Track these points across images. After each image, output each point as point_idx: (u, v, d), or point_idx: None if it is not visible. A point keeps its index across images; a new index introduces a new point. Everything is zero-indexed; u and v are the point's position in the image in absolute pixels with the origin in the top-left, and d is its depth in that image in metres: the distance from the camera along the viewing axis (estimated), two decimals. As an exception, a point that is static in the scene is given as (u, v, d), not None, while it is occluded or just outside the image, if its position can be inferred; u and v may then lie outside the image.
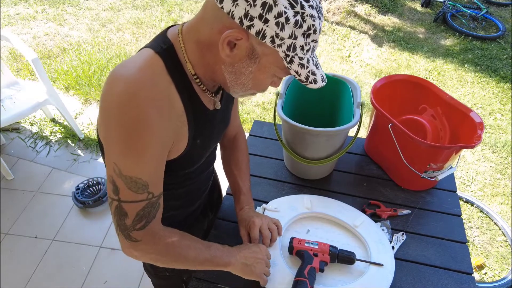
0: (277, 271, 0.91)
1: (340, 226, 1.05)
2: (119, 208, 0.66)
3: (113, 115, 0.61)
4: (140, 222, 0.68)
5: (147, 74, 0.62)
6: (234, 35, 0.58)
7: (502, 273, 1.85)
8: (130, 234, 0.68)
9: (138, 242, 0.69)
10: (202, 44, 0.64)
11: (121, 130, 0.61)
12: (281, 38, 0.58)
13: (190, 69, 0.67)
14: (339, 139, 1.10)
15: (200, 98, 0.72)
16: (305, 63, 0.62)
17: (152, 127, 0.62)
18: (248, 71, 0.64)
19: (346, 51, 3.49)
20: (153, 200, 0.69)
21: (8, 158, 2.41)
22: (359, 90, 1.13)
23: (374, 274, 0.91)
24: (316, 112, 1.30)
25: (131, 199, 0.66)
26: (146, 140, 0.62)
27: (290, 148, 1.15)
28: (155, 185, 0.68)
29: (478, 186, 2.28)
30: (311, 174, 1.21)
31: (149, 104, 0.60)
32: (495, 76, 3.19)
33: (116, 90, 0.60)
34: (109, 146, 0.64)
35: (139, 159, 0.63)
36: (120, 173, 0.63)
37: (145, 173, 0.65)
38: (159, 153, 0.67)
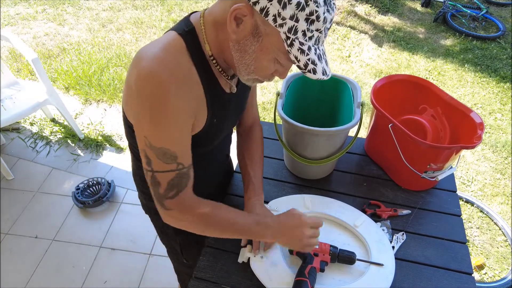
0: (277, 271, 0.91)
1: (340, 226, 1.05)
2: (153, 178, 0.72)
3: (138, 92, 0.65)
4: (172, 191, 0.73)
5: (170, 53, 0.66)
6: (240, 10, 0.61)
7: (502, 273, 1.85)
8: (163, 202, 0.74)
9: (171, 211, 0.75)
10: (217, 24, 0.68)
11: (146, 104, 0.66)
12: (282, 17, 0.59)
13: (208, 50, 0.71)
14: (339, 139, 1.10)
15: (218, 79, 0.76)
16: (305, 49, 0.63)
17: (174, 102, 0.66)
18: (251, 49, 0.66)
19: (346, 51, 3.49)
20: (183, 171, 0.73)
21: (8, 158, 2.41)
22: (360, 90, 1.13)
23: (375, 274, 0.91)
24: (316, 112, 1.30)
25: (162, 169, 0.71)
26: (169, 113, 0.67)
27: (290, 148, 1.15)
28: (184, 156, 0.73)
29: (478, 186, 2.28)
30: (311, 174, 1.21)
31: (171, 81, 0.65)
32: (495, 76, 3.19)
33: (141, 68, 0.64)
34: (139, 121, 0.69)
35: (165, 130, 0.68)
36: (150, 145, 0.69)
37: (172, 144, 0.70)
38: (183, 126, 0.71)
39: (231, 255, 0.99)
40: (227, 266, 0.96)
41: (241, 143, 1.07)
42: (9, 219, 2.07)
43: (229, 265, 0.96)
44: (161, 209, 0.76)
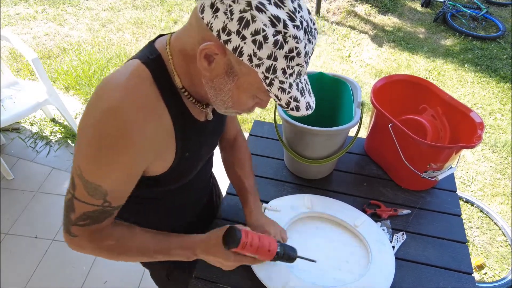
0: (278, 271, 0.91)
1: (340, 225, 1.05)
2: (70, 202, 0.66)
3: (94, 122, 0.59)
4: (84, 221, 0.67)
5: (133, 84, 0.60)
6: (211, 48, 0.54)
7: (502, 273, 1.85)
8: (70, 228, 0.68)
9: (76, 238, 0.69)
10: (187, 55, 0.61)
11: (97, 137, 0.59)
12: (259, 58, 0.53)
13: (178, 82, 0.64)
14: (340, 139, 1.10)
15: (190, 110, 0.69)
16: (286, 88, 0.58)
17: (130, 142, 0.59)
18: (227, 88, 0.60)
19: (346, 51, 3.49)
20: (108, 209, 0.67)
21: (8, 158, 2.41)
22: (360, 90, 1.13)
23: (375, 274, 0.91)
24: (317, 112, 1.30)
25: (85, 200, 0.64)
26: (119, 154, 0.60)
27: (290, 147, 1.15)
28: (116, 197, 0.66)
29: (478, 186, 2.28)
30: (312, 173, 1.21)
31: (133, 117, 0.58)
32: (495, 76, 3.19)
33: (102, 99, 0.59)
34: (80, 147, 0.62)
35: (105, 169, 0.61)
36: (81, 174, 0.61)
37: (107, 183, 0.63)
38: (130, 169, 0.64)
39: (231, 255, 0.99)
40: (227, 266, 0.96)
41: (228, 156, 1.01)
42: (9, 219, 2.07)
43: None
44: (66, 234, 0.70)
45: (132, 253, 0.74)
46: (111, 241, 0.72)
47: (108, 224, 0.71)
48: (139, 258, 0.75)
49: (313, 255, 0.96)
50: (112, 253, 0.72)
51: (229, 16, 0.52)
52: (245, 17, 0.51)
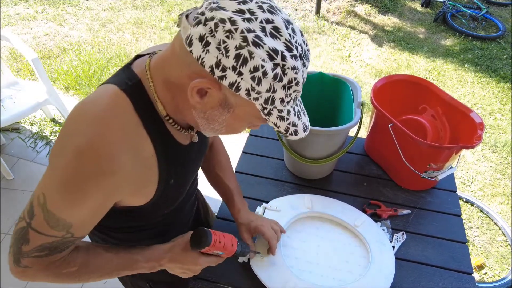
0: (278, 271, 0.91)
1: (340, 225, 1.05)
2: (24, 232, 0.57)
3: (68, 157, 0.54)
4: (40, 252, 0.59)
5: (110, 116, 0.56)
6: (204, 84, 0.52)
7: (502, 273, 1.85)
8: (20, 259, 0.59)
9: (27, 269, 0.61)
10: (172, 85, 0.58)
11: (69, 173, 0.54)
12: (257, 92, 0.51)
13: (161, 110, 0.61)
14: (340, 139, 1.10)
15: (174, 136, 0.66)
16: (284, 115, 0.57)
17: (106, 179, 0.55)
18: (221, 119, 0.58)
19: (346, 51, 3.49)
20: (69, 239, 0.60)
21: (8, 158, 2.41)
22: (360, 90, 1.13)
23: (375, 274, 0.91)
24: (317, 112, 1.30)
25: (43, 231, 0.57)
26: (92, 192, 0.56)
27: (290, 147, 1.15)
28: (81, 229, 0.60)
29: (478, 186, 2.28)
30: (312, 173, 1.21)
31: (109, 152, 0.54)
32: (495, 76, 3.19)
33: (78, 132, 0.54)
34: (49, 177, 0.56)
35: (74, 206, 0.56)
36: (44, 204, 0.55)
37: (74, 218, 0.57)
38: (102, 205, 0.60)
39: (231, 255, 0.99)
40: (228, 265, 0.96)
41: (207, 160, 0.98)
42: (9, 219, 2.07)
43: (229, 265, 0.96)
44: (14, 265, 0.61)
45: (95, 275, 0.68)
46: (72, 267, 0.65)
47: (68, 252, 0.64)
48: (102, 278, 0.70)
49: (313, 255, 0.97)
50: (72, 279, 0.66)
51: (223, 52, 0.48)
52: (242, 54, 0.48)
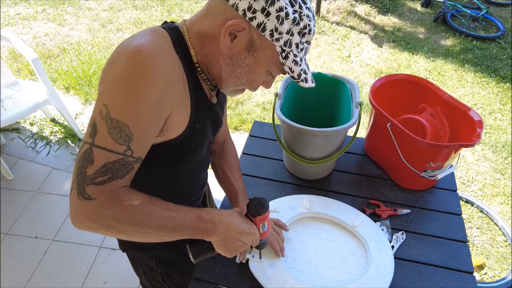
0: (276, 272, 0.91)
1: (339, 226, 1.05)
2: (88, 152, 0.58)
3: (121, 63, 0.59)
4: (103, 176, 0.58)
5: (157, 38, 0.63)
6: (236, 25, 0.61)
7: (502, 273, 1.85)
8: (85, 187, 0.58)
9: (91, 202, 0.58)
10: (203, 36, 0.67)
11: (125, 75, 0.58)
12: (279, 32, 0.61)
13: (193, 56, 0.69)
14: (338, 139, 1.10)
15: (201, 84, 0.73)
16: (298, 61, 0.66)
17: (157, 79, 0.60)
18: (245, 63, 0.66)
19: (346, 51, 3.49)
20: (129, 159, 0.61)
21: (8, 158, 2.41)
22: (358, 90, 1.14)
23: (374, 274, 0.91)
24: (316, 112, 1.30)
25: (106, 145, 0.58)
26: (147, 88, 0.59)
27: (289, 148, 1.15)
28: (140, 144, 0.62)
29: (478, 186, 2.27)
30: (311, 174, 1.21)
31: (159, 57, 0.60)
32: (495, 76, 3.19)
33: (128, 45, 0.60)
34: (105, 89, 0.60)
35: (134, 104, 0.59)
36: (107, 114, 0.58)
37: (134, 123, 0.59)
38: (157, 108, 0.62)
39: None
40: (227, 267, 0.96)
41: (218, 159, 1.02)
42: (9, 219, 2.07)
43: (229, 266, 0.96)
44: (77, 199, 0.58)
45: (157, 221, 0.64)
46: (135, 200, 0.62)
47: (127, 184, 0.63)
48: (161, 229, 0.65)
49: (311, 256, 0.97)
50: (135, 218, 0.62)
51: None
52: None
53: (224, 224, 0.72)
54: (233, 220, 0.74)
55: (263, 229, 0.80)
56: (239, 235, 0.74)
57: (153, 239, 0.66)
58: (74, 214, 0.59)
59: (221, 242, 0.73)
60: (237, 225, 0.74)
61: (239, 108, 2.81)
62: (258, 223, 0.78)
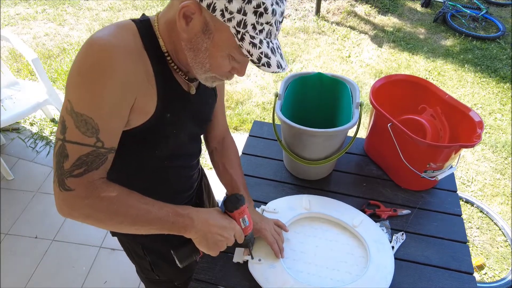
0: (275, 273, 0.91)
1: (339, 225, 1.05)
2: (61, 148, 0.63)
3: (78, 59, 0.62)
4: (79, 168, 0.63)
5: (119, 30, 0.65)
6: (188, 7, 0.60)
7: (502, 273, 1.85)
8: (65, 180, 0.63)
9: (71, 192, 0.63)
10: (169, 23, 0.68)
11: (82, 69, 0.62)
12: (230, 11, 0.59)
13: (162, 45, 0.70)
14: (338, 140, 1.10)
15: (173, 75, 0.74)
16: (257, 43, 0.62)
17: (114, 70, 0.62)
18: (204, 47, 0.65)
19: (346, 51, 3.49)
20: (101, 151, 0.65)
21: (8, 158, 2.41)
22: (358, 91, 1.14)
23: (373, 274, 0.91)
24: (316, 113, 1.30)
25: (76, 139, 0.62)
26: (104, 80, 0.62)
27: (289, 148, 1.15)
28: (108, 135, 0.65)
29: (478, 186, 2.27)
30: (311, 174, 1.21)
31: (116, 50, 0.62)
32: (495, 76, 3.19)
33: (87, 42, 0.63)
34: (68, 85, 0.63)
35: (94, 96, 0.62)
36: (71, 109, 0.62)
37: (98, 115, 0.62)
38: (117, 100, 0.64)
39: (230, 257, 0.99)
40: (226, 267, 0.96)
41: (218, 156, 1.02)
42: (9, 219, 2.07)
43: (228, 267, 0.96)
44: (58, 189, 0.64)
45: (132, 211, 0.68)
46: (111, 192, 0.67)
47: (103, 175, 0.68)
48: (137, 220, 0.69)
49: (311, 256, 0.97)
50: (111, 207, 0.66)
51: None
52: None
53: (201, 219, 0.74)
54: (211, 215, 0.76)
55: (244, 223, 0.81)
56: (219, 229, 0.76)
57: (130, 231, 0.70)
58: (58, 204, 0.65)
59: (201, 239, 0.75)
60: (216, 220, 0.76)
61: (239, 108, 2.80)
62: (238, 218, 0.80)
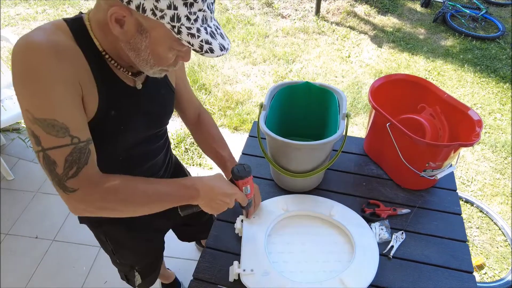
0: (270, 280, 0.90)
1: (318, 219, 1.07)
2: (46, 158, 0.64)
3: (15, 65, 0.62)
4: (71, 168, 0.65)
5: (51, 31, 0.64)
6: (117, 12, 0.60)
7: (502, 273, 1.85)
8: (65, 184, 0.65)
9: (76, 192, 0.66)
10: (102, 25, 0.67)
11: (21, 76, 0.62)
12: (160, 9, 0.59)
13: (98, 45, 0.69)
14: (324, 152, 1.06)
15: (114, 71, 0.73)
16: (195, 33, 0.62)
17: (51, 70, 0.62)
18: (144, 46, 0.65)
19: (346, 51, 3.49)
20: (80, 146, 0.66)
21: (8, 159, 2.41)
22: (346, 101, 1.11)
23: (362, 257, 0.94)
24: (304, 123, 1.28)
25: (53, 144, 0.64)
26: (47, 81, 0.62)
27: (275, 161, 1.11)
28: (77, 129, 0.66)
29: (478, 186, 2.28)
30: (297, 186, 1.16)
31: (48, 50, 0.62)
32: (494, 76, 3.19)
33: (18, 44, 0.62)
34: (19, 97, 0.64)
35: (46, 99, 0.62)
36: (33, 118, 0.62)
37: (58, 114, 0.63)
38: (67, 95, 0.65)
39: (230, 256, 0.99)
40: (226, 267, 0.96)
41: (198, 134, 1.07)
42: (9, 219, 2.07)
43: (229, 266, 0.96)
44: (64, 194, 0.66)
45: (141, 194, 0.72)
46: (114, 180, 0.71)
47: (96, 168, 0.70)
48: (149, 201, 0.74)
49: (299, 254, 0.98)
50: (119, 195, 0.70)
51: None
52: None
53: (206, 188, 0.80)
54: (215, 183, 0.82)
55: (246, 191, 0.91)
56: (222, 196, 0.83)
57: (144, 212, 0.75)
58: (70, 207, 0.68)
59: (206, 204, 0.82)
60: (220, 188, 0.82)
61: (239, 108, 2.81)
62: (241, 186, 0.89)
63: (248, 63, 3.33)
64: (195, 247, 1.94)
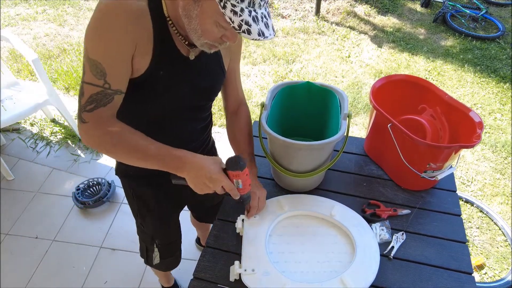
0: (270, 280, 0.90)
1: (318, 219, 1.07)
2: (81, 88, 0.77)
3: (95, 11, 0.73)
4: (91, 104, 0.77)
5: None
6: None
7: (502, 273, 1.85)
8: (81, 114, 0.78)
9: (86, 124, 0.78)
10: None
11: (92, 23, 0.73)
12: None
13: (165, 10, 0.77)
14: (325, 152, 1.06)
15: (173, 38, 0.81)
16: (238, 11, 0.67)
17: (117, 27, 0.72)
18: (195, 14, 0.71)
19: (346, 51, 3.49)
20: (108, 92, 0.77)
21: (8, 159, 2.41)
22: (347, 101, 1.10)
23: (362, 257, 0.94)
24: (306, 123, 1.27)
25: (90, 81, 0.75)
26: (110, 34, 0.72)
27: (276, 161, 1.11)
28: (114, 78, 0.76)
29: (478, 186, 2.28)
30: (298, 186, 1.17)
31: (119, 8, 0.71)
32: (494, 76, 3.19)
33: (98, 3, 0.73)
34: (85, 37, 0.74)
35: (101, 46, 0.73)
36: (87, 55, 0.74)
37: (105, 60, 0.74)
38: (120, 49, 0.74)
39: (231, 256, 0.99)
40: (227, 266, 0.96)
41: (231, 124, 1.12)
42: (9, 219, 2.07)
43: (229, 266, 0.96)
44: (79, 122, 0.79)
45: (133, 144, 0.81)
46: (116, 127, 0.80)
47: (110, 113, 0.80)
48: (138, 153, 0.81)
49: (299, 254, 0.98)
50: (113, 140, 0.80)
51: None
52: None
53: (194, 165, 0.83)
54: (205, 164, 0.83)
55: (237, 185, 0.89)
56: (207, 179, 0.83)
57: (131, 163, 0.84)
58: (80, 134, 0.80)
59: (191, 179, 0.84)
60: (208, 170, 0.83)
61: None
62: (231, 178, 0.87)
63: (248, 63, 3.33)
64: (195, 246, 1.94)
